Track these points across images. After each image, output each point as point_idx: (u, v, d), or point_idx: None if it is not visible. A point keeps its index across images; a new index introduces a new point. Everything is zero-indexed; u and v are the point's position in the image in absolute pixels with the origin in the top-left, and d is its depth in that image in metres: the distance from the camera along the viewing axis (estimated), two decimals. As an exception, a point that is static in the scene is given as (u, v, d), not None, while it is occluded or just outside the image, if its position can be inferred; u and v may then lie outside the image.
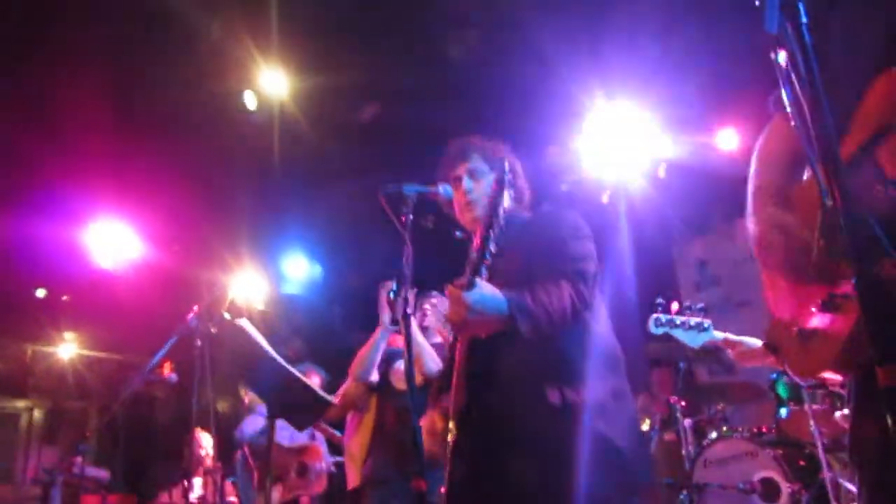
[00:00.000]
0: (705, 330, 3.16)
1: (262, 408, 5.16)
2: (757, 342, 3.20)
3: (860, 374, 1.40)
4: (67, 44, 4.83)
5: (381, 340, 3.70)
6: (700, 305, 3.23)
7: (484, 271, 1.89)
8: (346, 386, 4.18)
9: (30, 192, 6.20)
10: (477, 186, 2.38)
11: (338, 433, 5.19)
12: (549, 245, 2.17)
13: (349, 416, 4.36)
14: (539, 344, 2.00)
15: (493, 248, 1.87)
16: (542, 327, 1.96)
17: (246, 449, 5.20)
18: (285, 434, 5.16)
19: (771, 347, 1.56)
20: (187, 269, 6.31)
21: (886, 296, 0.96)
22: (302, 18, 4.80)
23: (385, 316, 3.68)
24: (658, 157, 6.53)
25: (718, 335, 3.15)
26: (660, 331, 3.15)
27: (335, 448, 5.49)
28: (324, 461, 5.31)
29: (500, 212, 1.85)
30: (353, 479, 4.28)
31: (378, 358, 3.73)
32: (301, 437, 5.30)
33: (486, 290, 1.90)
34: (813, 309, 1.36)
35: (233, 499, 5.56)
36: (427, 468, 2.11)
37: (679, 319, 3.18)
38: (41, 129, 5.52)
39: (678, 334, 3.17)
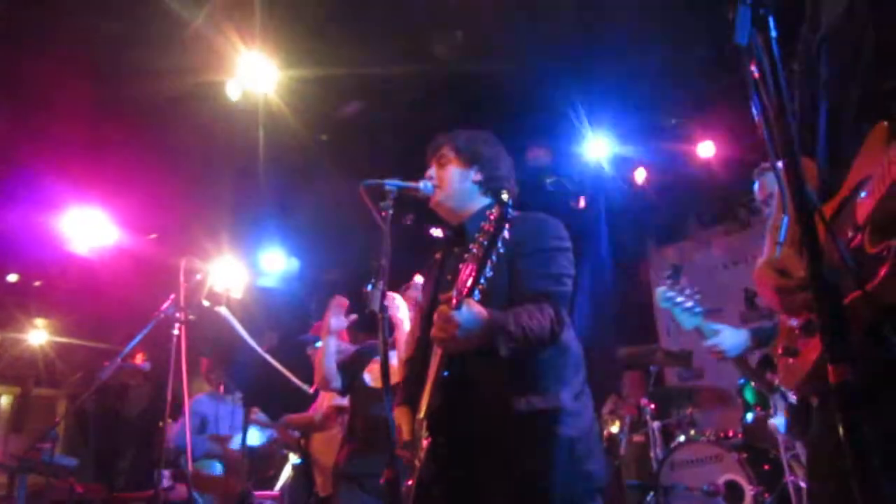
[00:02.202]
0: (696, 315, 3.34)
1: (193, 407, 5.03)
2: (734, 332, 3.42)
3: (819, 398, 1.46)
4: (45, 28, 4.78)
5: (330, 346, 3.68)
6: (696, 289, 3.35)
7: (477, 294, 1.92)
8: (321, 401, 4.19)
9: (4, 175, 6.13)
10: (440, 173, 2.44)
11: (296, 434, 5.12)
12: (533, 258, 2.22)
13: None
14: (513, 358, 2.06)
15: (489, 273, 1.89)
16: (521, 350, 2.04)
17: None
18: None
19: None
20: (162, 258, 6.26)
21: (837, 300, 1.01)
22: (287, 8, 4.80)
23: (332, 320, 3.65)
24: (636, 163, 6.63)
25: (706, 324, 3.37)
26: (664, 305, 3.33)
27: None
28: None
29: (499, 241, 1.86)
30: (324, 487, 4.30)
31: (333, 363, 3.71)
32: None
33: (474, 311, 1.95)
34: (796, 330, 1.43)
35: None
36: (395, 460, 2.15)
37: (679, 298, 3.33)
38: (16, 114, 5.46)
39: (677, 313, 3.33)
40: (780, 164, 1.15)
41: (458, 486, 2.14)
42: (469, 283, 1.89)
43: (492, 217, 1.86)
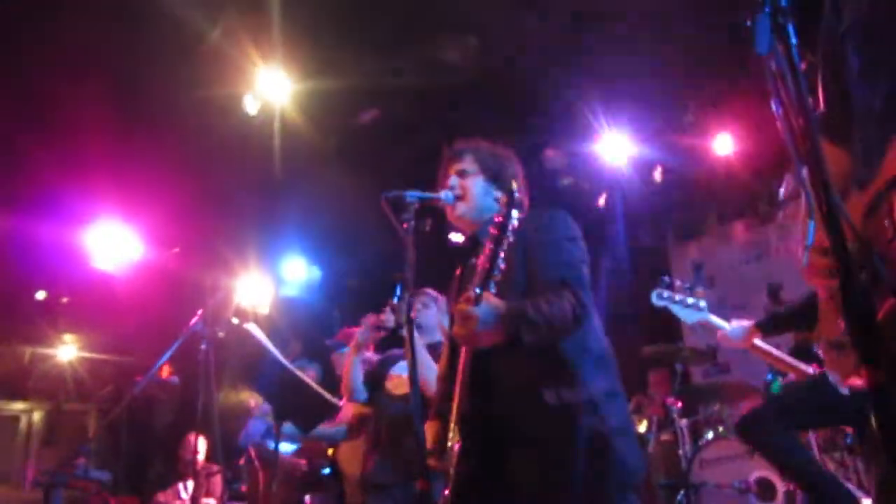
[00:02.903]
0: (700, 310, 3.42)
1: (266, 409, 5.19)
2: (741, 325, 3.48)
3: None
4: (68, 45, 4.85)
5: (356, 363, 3.73)
6: (699, 287, 3.45)
7: (492, 286, 1.94)
8: (351, 408, 4.21)
9: (29, 193, 6.21)
10: (462, 184, 2.44)
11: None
12: (545, 249, 2.23)
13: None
14: (535, 349, 2.06)
15: (502, 264, 1.91)
16: (545, 338, 2.04)
17: (252, 452, 5.22)
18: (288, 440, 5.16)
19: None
20: (187, 272, 6.35)
21: (867, 303, 1.01)
22: (302, 21, 4.84)
23: (360, 334, 3.69)
24: (654, 161, 6.59)
25: (711, 318, 3.46)
26: (661, 304, 3.42)
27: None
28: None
29: (510, 228, 1.89)
30: (352, 496, 4.32)
31: (360, 377, 3.76)
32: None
33: (491, 303, 1.96)
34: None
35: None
36: (428, 471, 2.17)
37: (678, 296, 3.41)
38: (41, 130, 5.54)
39: (676, 309, 3.42)
40: (804, 170, 1.15)
41: (494, 486, 2.13)
42: (483, 277, 1.91)
43: (497, 219, 1.89)
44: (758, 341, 3.54)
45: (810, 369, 3.56)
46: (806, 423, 3.62)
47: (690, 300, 3.43)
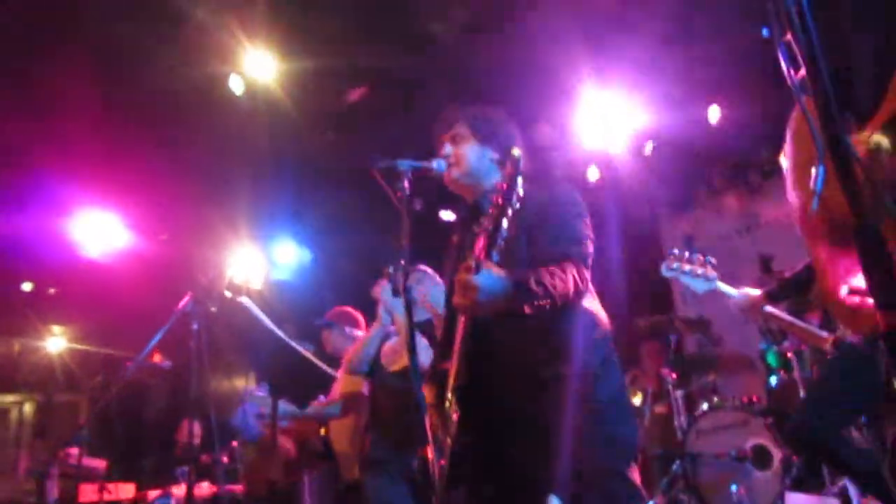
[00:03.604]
0: (710, 280, 3.43)
1: (258, 394, 5.16)
2: (752, 293, 3.51)
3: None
4: (50, 30, 4.76)
5: (376, 336, 3.74)
6: (710, 258, 3.46)
7: (495, 255, 1.91)
8: (340, 386, 4.19)
9: (11, 182, 6.13)
10: (456, 151, 2.42)
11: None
12: (551, 224, 2.22)
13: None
14: (532, 322, 2.06)
15: (505, 233, 1.88)
16: (545, 309, 2.02)
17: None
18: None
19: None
20: (176, 258, 6.28)
21: (883, 247, 0.99)
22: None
23: (383, 312, 3.70)
24: (644, 133, 6.56)
25: (721, 286, 3.48)
26: (670, 274, 3.45)
27: None
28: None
29: (515, 197, 1.85)
30: (348, 471, 4.32)
31: (373, 353, 3.75)
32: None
33: (493, 272, 1.94)
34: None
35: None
36: (428, 441, 2.16)
37: (688, 266, 3.43)
38: (22, 117, 5.44)
39: (686, 280, 3.44)
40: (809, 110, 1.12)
41: (490, 457, 2.13)
42: (486, 245, 1.88)
43: (501, 186, 1.85)
44: (769, 308, 3.56)
45: (824, 333, 3.55)
46: (853, 412, 3.42)
47: (700, 270, 3.45)
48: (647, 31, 5.16)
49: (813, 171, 1.20)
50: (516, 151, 1.89)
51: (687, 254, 3.57)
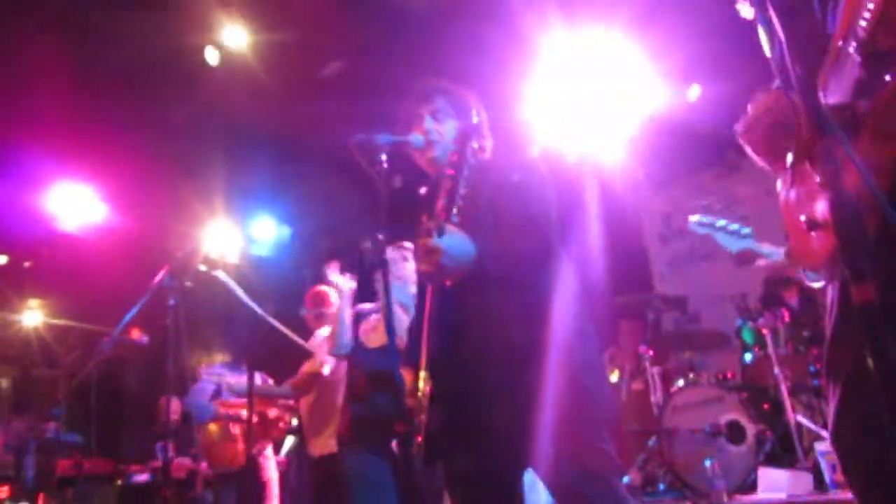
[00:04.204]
0: (744, 237, 3.19)
1: (215, 371, 5.12)
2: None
3: (842, 285, 1.44)
4: (23, 2, 4.66)
5: (344, 308, 3.75)
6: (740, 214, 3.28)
7: (454, 215, 1.90)
8: (310, 366, 4.22)
9: (-15, 155, 6.02)
10: (439, 127, 2.39)
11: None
12: (512, 188, 2.20)
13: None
14: (504, 289, 2.06)
15: (462, 191, 1.88)
16: (509, 272, 2.03)
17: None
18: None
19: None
20: (153, 231, 6.22)
21: (857, 217, 0.99)
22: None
23: (342, 284, 3.75)
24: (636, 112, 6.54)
25: (756, 245, 3.21)
26: (702, 230, 3.17)
27: None
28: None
29: (470, 156, 1.86)
30: (318, 448, 4.34)
31: (349, 325, 3.77)
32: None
33: (455, 234, 1.94)
34: (819, 200, 1.39)
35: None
36: (407, 417, 2.15)
37: (721, 222, 3.21)
38: (-4, 89, 5.34)
39: (719, 236, 3.18)
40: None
41: (466, 430, 2.11)
42: (445, 209, 1.88)
43: (453, 156, 1.85)
44: None
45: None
46: None
47: (734, 226, 3.21)
48: (624, 7, 5.15)
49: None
50: (474, 117, 1.87)
51: (719, 207, 3.34)
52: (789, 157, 1.46)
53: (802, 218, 1.43)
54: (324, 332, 4.37)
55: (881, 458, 1.25)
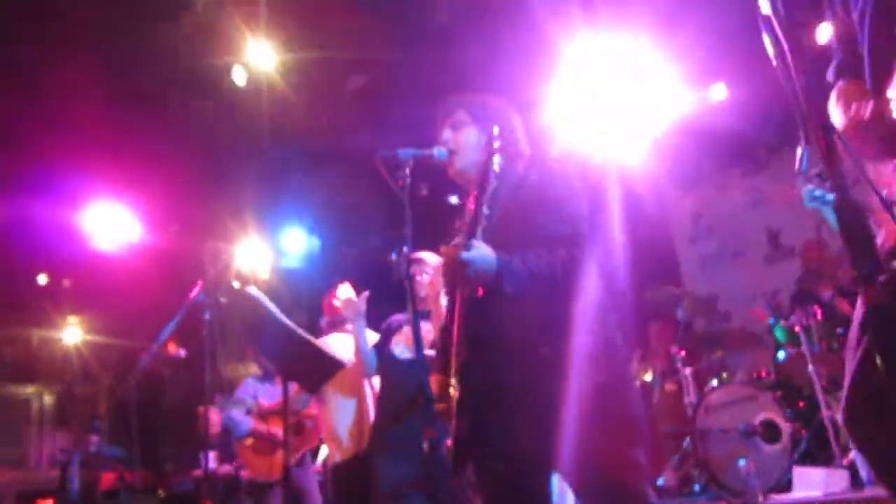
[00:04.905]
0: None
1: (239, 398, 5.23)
2: None
3: None
4: (59, 23, 4.81)
5: (361, 334, 3.80)
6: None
7: (479, 234, 1.95)
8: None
9: (23, 175, 6.19)
10: (456, 137, 2.42)
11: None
12: (544, 205, 2.22)
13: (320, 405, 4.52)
14: (532, 301, 2.09)
15: (486, 210, 1.93)
16: (526, 288, 2.06)
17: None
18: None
19: None
20: (187, 249, 6.34)
21: (863, 221, 1.02)
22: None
23: (353, 308, 3.80)
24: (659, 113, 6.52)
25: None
26: (812, 204, 3.00)
27: None
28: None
29: (491, 174, 1.90)
30: (339, 456, 4.39)
31: (371, 349, 3.84)
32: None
33: (481, 248, 1.99)
34: None
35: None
36: (436, 422, 2.20)
37: (830, 196, 3.00)
38: (32, 110, 5.50)
39: (827, 211, 2.97)
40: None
41: (495, 439, 2.15)
42: (470, 225, 1.92)
43: (481, 167, 1.90)
44: None
45: None
46: None
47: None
48: (649, 9, 5.15)
49: (799, 150, 1.23)
50: (495, 130, 1.91)
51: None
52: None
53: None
54: (333, 339, 4.46)
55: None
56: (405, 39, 5.27)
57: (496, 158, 1.91)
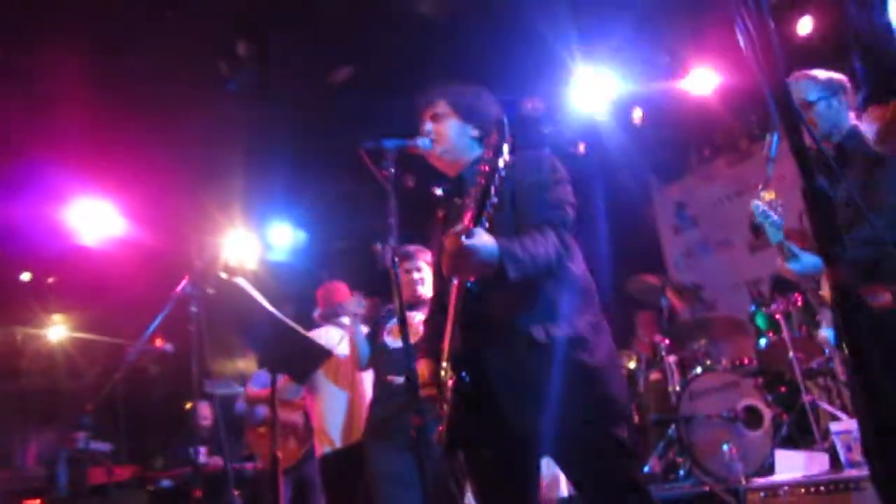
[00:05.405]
0: (779, 230, 3.01)
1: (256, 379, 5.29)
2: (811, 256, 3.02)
3: None
4: (45, 18, 4.78)
5: (358, 332, 3.87)
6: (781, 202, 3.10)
7: (485, 222, 1.98)
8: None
9: (7, 171, 6.13)
10: (436, 128, 2.48)
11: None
12: (532, 191, 2.27)
13: (312, 396, 4.56)
14: (523, 287, 2.13)
15: (494, 200, 1.95)
16: (528, 274, 2.09)
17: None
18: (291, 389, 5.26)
19: None
20: (171, 243, 6.33)
21: (829, 205, 1.06)
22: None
23: (349, 308, 3.85)
24: (632, 101, 6.58)
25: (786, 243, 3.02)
26: (760, 219, 3.01)
27: None
28: None
29: (501, 164, 1.92)
30: (329, 447, 4.43)
31: (366, 345, 3.89)
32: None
33: (484, 237, 2.01)
34: None
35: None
36: (423, 410, 2.24)
37: (771, 212, 3.01)
38: (16, 107, 5.45)
39: (768, 226, 3.01)
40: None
41: (486, 420, 2.19)
42: (475, 213, 1.95)
43: (487, 155, 1.92)
44: None
45: None
46: None
47: (776, 218, 2.99)
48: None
49: (767, 137, 1.27)
50: (503, 120, 1.95)
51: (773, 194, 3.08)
52: None
53: None
54: (325, 332, 4.52)
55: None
56: (395, 29, 5.27)
57: (505, 148, 1.93)
